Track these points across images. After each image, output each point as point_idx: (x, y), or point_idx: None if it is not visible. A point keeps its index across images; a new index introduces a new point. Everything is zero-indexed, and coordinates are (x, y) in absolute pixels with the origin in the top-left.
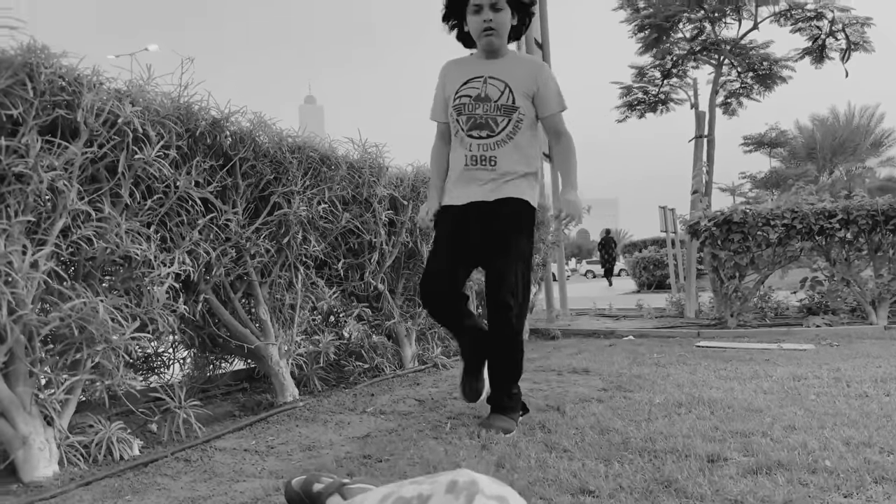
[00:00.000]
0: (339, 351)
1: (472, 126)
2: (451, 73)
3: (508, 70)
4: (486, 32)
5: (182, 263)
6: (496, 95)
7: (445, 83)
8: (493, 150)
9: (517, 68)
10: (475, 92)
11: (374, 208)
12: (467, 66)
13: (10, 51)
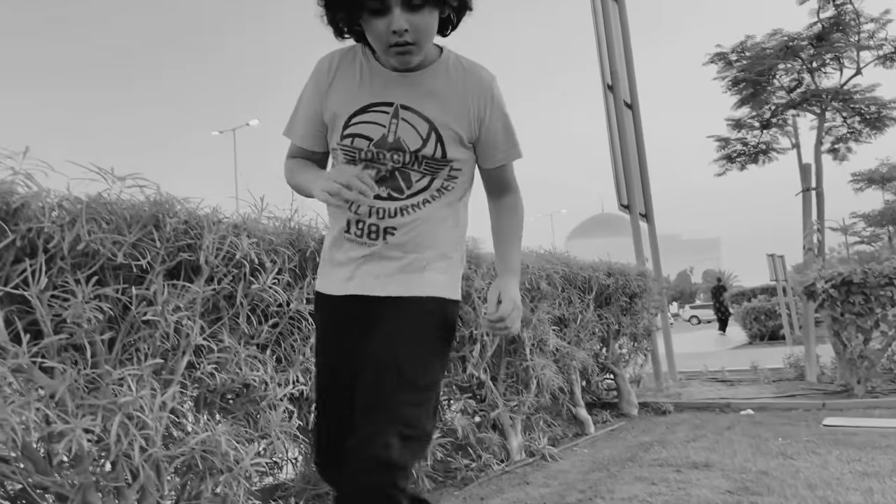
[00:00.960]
0: (446, 448)
1: None
2: (339, 81)
3: (435, 96)
4: (398, 49)
5: (296, 382)
6: (415, 142)
7: (326, 94)
8: (396, 218)
9: (449, 92)
10: (378, 131)
11: (472, 300)
12: (365, 76)
13: (139, 204)
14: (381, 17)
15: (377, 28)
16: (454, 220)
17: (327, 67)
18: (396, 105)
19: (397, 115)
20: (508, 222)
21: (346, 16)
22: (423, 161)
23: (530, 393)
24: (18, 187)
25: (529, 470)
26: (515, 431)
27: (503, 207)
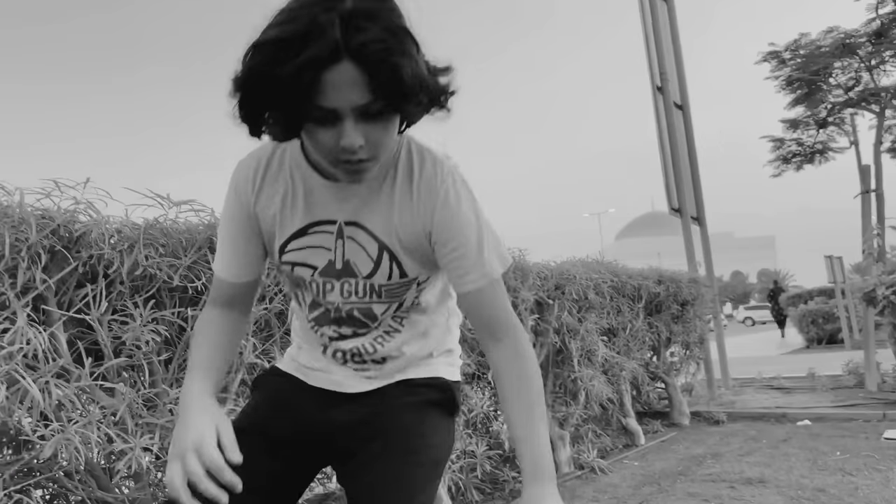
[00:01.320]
0: (494, 460)
1: (323, 321)
2: (266, 195)
3: (384, 207)
4: (349, 167)
5: None
6: (365, 265)
7: (253, 209)
8: (378, 351)
9: (400, 201)
10: (322, 259)
11: (519, 312)
12: (298, 187)
13: (194, 227)
14: (329, 127)
15: (322, 139)
16: (446, 314)
17: (251, 177)
18: (340, 222)
19: (342, 234)
20: (513, 385)
21: (282, 122)
22: (381, 290)
23: (578, 404)
24: (80, 216)
25: (578, 483)
26: (564, 444)
27: (500, 360)
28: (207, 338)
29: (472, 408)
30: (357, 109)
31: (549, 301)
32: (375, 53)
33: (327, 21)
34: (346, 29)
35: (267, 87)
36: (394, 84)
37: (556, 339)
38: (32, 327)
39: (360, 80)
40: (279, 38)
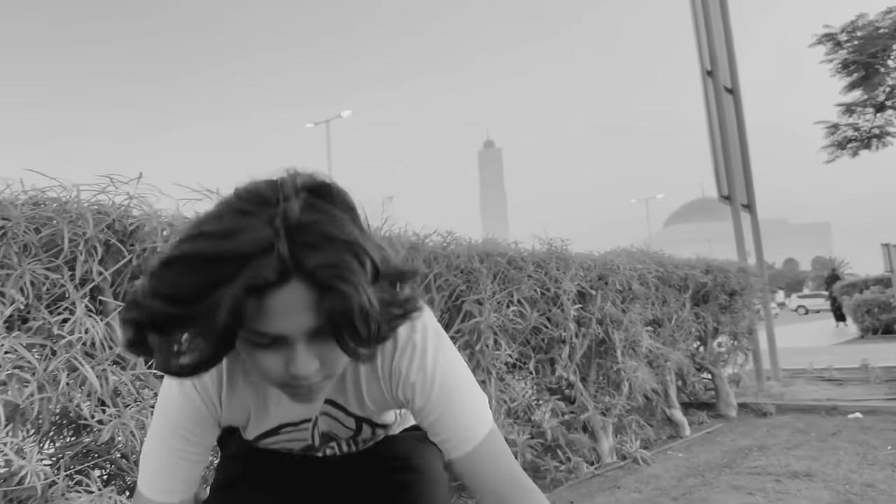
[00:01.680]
0: (535, 449)
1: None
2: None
3: (354, 391)
4: (298, 391)
5: None
6: (346, 432)
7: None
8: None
9: (370, 387)
10: (299, 444)
11: (561, 303)
12: (262, 390)
13: None
14: (275, 351)
15: (268, 366)
16: None
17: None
18: (313, 415)
19: (316, 425)
20: None
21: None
22: (362, 441)
23: (622, 395)
24: (134, 210)
25: (620, 473)
26: (606, 434)
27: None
28: None
29: (515, 397)
30: (309, 332)
31: (592, 292)
32: (328, 279)
33: (271, 235)
34: (292, 244)
35: (191, 313)
36: (347, 314)
37: (598, 330)
38: (90, 317)
39: (311, 301)
40: (213, 254)
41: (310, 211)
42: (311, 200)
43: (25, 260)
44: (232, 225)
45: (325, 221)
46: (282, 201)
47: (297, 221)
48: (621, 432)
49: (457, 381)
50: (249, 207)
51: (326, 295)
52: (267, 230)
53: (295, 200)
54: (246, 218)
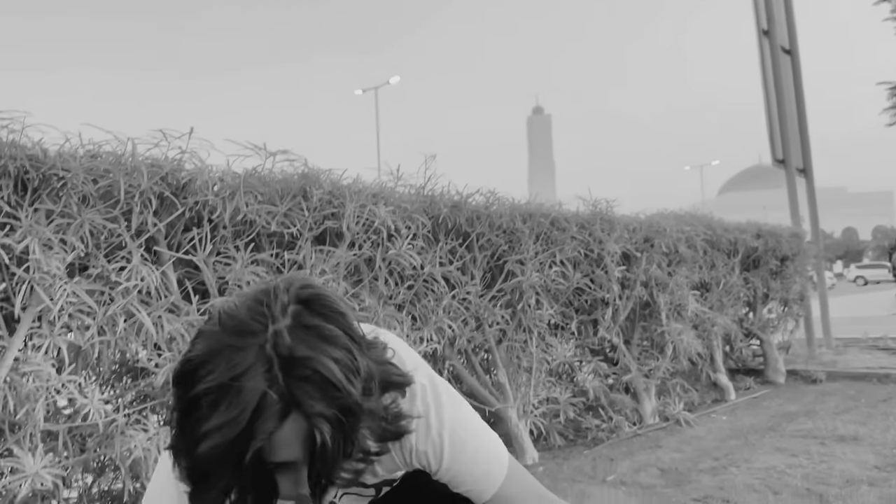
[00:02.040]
0: (577, 408)
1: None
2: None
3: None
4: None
5: (430, 340)
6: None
7: None
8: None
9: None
10: None
11: (605, 264)
12: None
13: (289, 177)
14: (286, 474)
15: (279, 483)
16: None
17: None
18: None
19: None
20: None
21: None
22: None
23: (665, 358)
24: (186, 164)
25: (662, 434)
26: (649, 396)
27: None
28: None
29: (556, 357)
30: (309, 461)
31: (637, 254)
32: (325, 425)
33: (267, 381)
34: (287, 379)
35: (228, 484)
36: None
37: (643, 292)
38: (146, 266)
39: (308, 433)
40: (224, 442)
41: (300, 337)
42: (300, 319)
43: (84, 210)
44: (229, 374)
45: (317, 354)
46: (271, 324)
47: (290, 354)
48: (664, 395)
49: (466, 435)
50: (238, 342)
51: (324, 438)
52: (261, 369)
53: (283, 321)
54: (237, 355)
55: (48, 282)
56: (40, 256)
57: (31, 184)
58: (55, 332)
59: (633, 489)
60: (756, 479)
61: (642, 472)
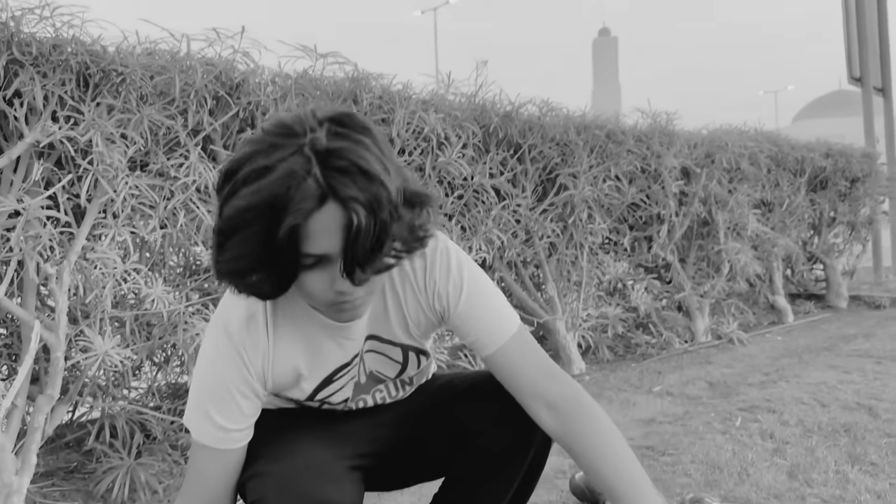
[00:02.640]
0: (627, 323)
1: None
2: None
3: (395, 317)
4: (345, 307)
5: (479, 250)
6: (392, 370)
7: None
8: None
9: (408, 305)
10: (348, 389)
11: (662, 179)
12: (313, 333)
13: (340, 81)
14: (320, 271)
15: (314, 286)
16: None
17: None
18: (360, 352)
19: (362, 359)
20: (596, 454)
21: (274, 280)
22: (412, 379)
23: (721, 277)
24: (238, 65)
25: (714, 351)
26: (702, 314)
27: (565, 432)
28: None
29: (607, 273)
30: (345, 251)
31: (697, 170)
32: (361, 209)
33: (304, 164)
34: (325, 169)
35: (255, 253)
36: (380, 240)
37: (701, 210)
38: (202, 163)
39: (345, 221)
40: (259, 202)
41: (335, 138)
42: (334, 129)
43: (143, 107)
44: (266, 162)
45: (352, 147)
46: (308, 132)
47: (326, 148)
48: (718, 314)
49: (483, 286)
50: (279, 140)
51: (360, 221)
52: (299, 160)
53: (320, 130)
54: (278, 151)
55: (111, 174)
56: (103, 149)
57: (93, 79)
58: (119, 223)
59: (679, 399)
60: (805, 393)
61: (690, 384)
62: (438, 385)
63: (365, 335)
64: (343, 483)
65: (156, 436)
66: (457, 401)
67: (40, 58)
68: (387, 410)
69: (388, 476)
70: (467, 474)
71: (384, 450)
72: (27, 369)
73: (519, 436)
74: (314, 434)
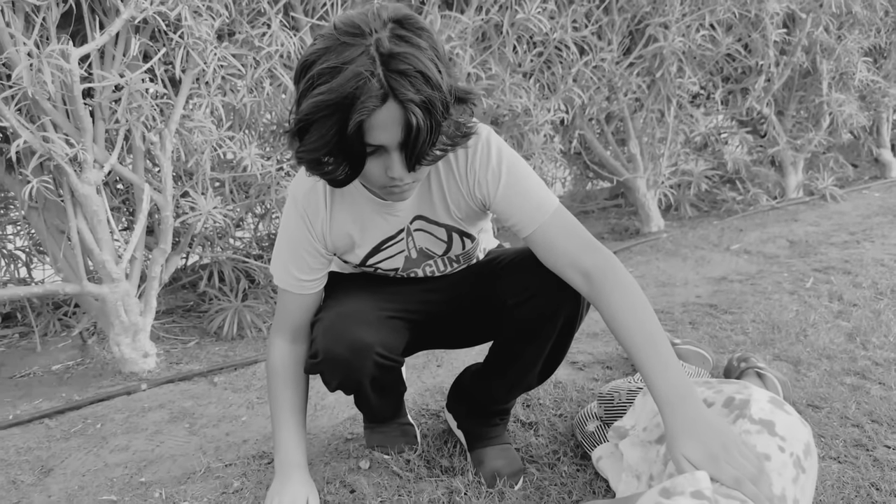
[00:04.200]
0: (713, 180)
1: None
2: (338, 223)
3: (439, 200)
4: (396, 190)
5: (558, 110)
6: (438, 247)
7: (323, 239)
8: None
9: (450, 192)
10: (400, 260)
11: (762, 27)
12: (363, 208)
13: None
14: (377, 159)
15: (372, 171)
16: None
17: (321, 208)
18: (406, 226)
19: (410, 233)
20: (627, 322)
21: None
22: (459, 257)
23: (821, 130)
24: None
25: (803, 208)
26: (796, 169)
27: (602, 300)
28: (290, 398)
29: (694, 128)
30: (401, 144)
31: (802, 15)
32: (417, 109)
33: (369, 70)
34: (387, 72)
35: (329, 143)
36: (433, 137)
37: (803, 59)
38: (284, 31)
39: (404, 120)
40: (332, 100)
41: (397, 41)
42: (397, 31)
43: None
44: (337, 61)
45: (412, 52)
46: (374, 32)
47: (389, 52)
48: (814, 170)
49: (521, 171)
50: (348, 40)
51: (416, 120)
52: (365, 60)
53: (383, 31)
54: (347, 50)
55: (201, 46)
56: (192, 23)
57: None
58: (212, 93)
59: (756, 258)
60: (887, 255)
61: (770, 242)
62: (484, 262)
63: (412, 215)
64: (375, 327)
65: (259, 281)
66: (497, 276)
67: None
68: (438, 281)
69: (438, 335)
70: (507, 339)
71: (433, 311)
72: (142, 226)
73: (550, 305)
74: (366, 291)
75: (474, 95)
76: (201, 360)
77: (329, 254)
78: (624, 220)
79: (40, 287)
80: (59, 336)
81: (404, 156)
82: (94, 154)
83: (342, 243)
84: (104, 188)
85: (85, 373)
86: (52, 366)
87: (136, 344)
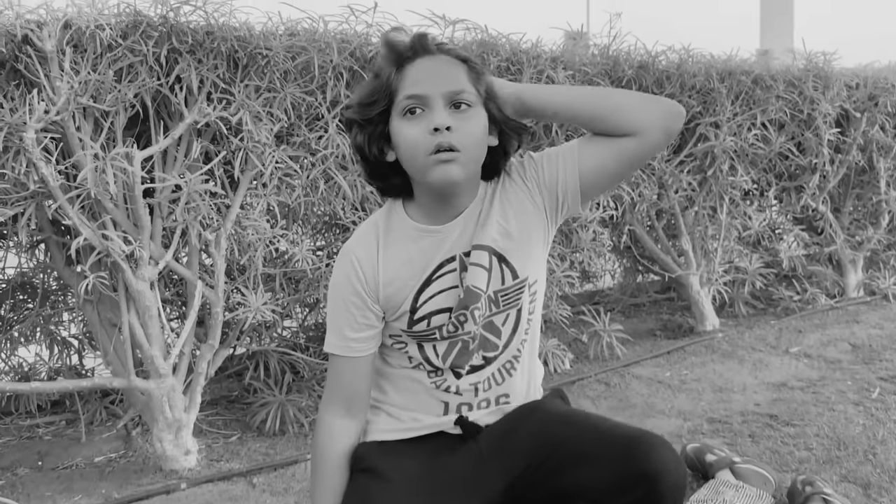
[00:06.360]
0: (768, 278)
1: (460, 359)
2: (390, 264)
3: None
4: (441, 157)
5: (606, 208)
6: (482, 281)
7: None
8: (505, 383)
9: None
10: (453, 299)
11: (815, 126)
12: (413, 239)
13: (468, 45)
14: (420, 117)
15: (412, 133)
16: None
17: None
18: (458, 255)
19: (465, 266)
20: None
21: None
22: (497, 297)
23: (880, 228)
24: (372, 38)
25: (864, 309)
26: (855, 268)
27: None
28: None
29: (748, 226)
30: (445, 95)
31: (857, 114)
32: (454, 51)
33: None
34: (419, 44)
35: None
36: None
37: (859, 157)
38: (340, 135)
39: (444, 69)
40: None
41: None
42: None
43: (286, 85)
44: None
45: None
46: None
47: (420, 34)
48: (874, 269)
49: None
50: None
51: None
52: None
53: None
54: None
55: (259, 149)
56: (252, 127)
57: (241, 62)
58: (268, 193)
59: (816, 362)
60: None
61: (831, 346)
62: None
63: (462, 239)
64: None
65: (304, 374)
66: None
67: (195, 45)
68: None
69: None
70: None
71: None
72: (191, 322)
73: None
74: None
75: (525, 128)
76: (241, 458)
77: (378, 309)
78: (677, 317)
79: (89, 381)
80: (104, 425)
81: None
82: (151, 251)
83: (392, 289)
84: (157, 280)
85: (126, 467)
86: (95, 457)
87: (179, 441)
